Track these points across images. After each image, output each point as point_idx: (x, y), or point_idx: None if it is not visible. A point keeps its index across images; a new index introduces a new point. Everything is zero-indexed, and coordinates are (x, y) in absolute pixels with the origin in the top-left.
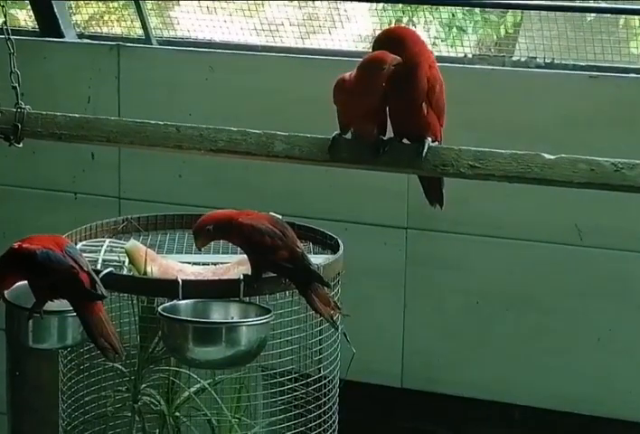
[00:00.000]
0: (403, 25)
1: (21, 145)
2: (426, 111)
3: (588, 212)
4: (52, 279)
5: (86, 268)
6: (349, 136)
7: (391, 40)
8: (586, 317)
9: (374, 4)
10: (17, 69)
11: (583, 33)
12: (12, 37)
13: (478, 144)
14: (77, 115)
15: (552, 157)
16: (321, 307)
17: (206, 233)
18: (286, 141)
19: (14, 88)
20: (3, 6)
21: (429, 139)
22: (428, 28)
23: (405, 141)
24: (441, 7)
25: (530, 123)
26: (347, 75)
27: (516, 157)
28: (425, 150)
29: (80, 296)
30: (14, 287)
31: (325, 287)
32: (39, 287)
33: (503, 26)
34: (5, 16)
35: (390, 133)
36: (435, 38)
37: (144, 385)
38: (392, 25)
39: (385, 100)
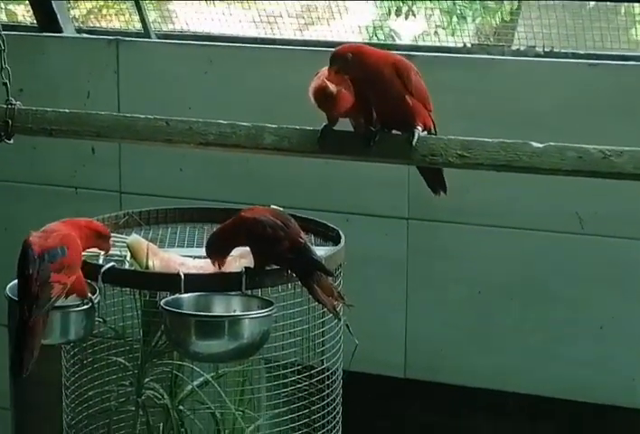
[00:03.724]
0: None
1: (12, 141)
2: (411, 102)
3: (589, 200)
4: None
5: (39, 282)
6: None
7: (345, 58)
8: (588, 305)
9: None
10: (8, 65)
11: (582, 22)
12: (2, 33)
13: (478, 134)
14: (67, 110)
15: (540, 146)
16: (324, 298)
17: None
18: (275, 133)
19: (5, 84)
20: None
21: (419, 128)
22: (429, 16)
23: (394, 131)
24: None
25: (530, 112)
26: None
27: (504, 146)
28: (415, 140)
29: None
30: (15, 282)
31: (329, 278)
32: None
33: (500, 14)
34: None
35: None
36: (437, 26)
37: (147, 379)
38: (341, 46)
39: (364, 98)
